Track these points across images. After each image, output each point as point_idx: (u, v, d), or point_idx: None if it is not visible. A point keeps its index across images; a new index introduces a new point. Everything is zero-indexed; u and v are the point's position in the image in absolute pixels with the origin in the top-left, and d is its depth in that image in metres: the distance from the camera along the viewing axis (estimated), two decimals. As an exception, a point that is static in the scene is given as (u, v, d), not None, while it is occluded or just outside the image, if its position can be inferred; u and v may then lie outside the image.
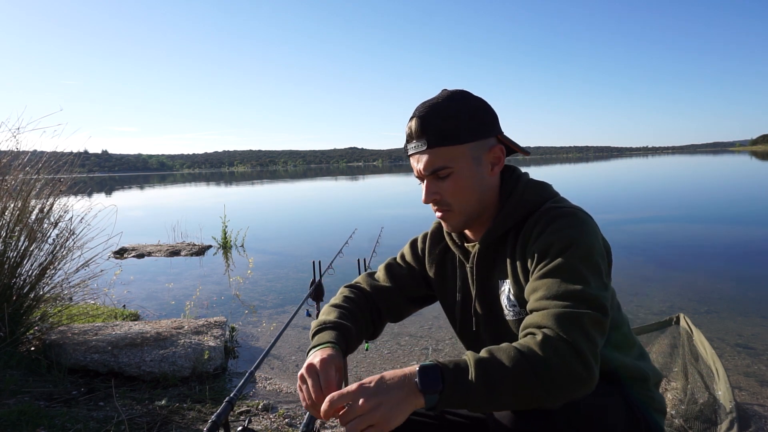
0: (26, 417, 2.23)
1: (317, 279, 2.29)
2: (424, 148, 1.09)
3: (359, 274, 2.46)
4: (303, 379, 1.00)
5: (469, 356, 0.88)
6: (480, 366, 0.86)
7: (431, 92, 1.14)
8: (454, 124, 1.08)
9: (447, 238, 1.26)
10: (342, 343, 1.12)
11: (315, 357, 1.03)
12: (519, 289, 1.09)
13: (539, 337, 0.89)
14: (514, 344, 0.89)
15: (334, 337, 1.12)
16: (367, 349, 3.33)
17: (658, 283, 4.96)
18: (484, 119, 1.12)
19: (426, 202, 1.14)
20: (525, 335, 0.92)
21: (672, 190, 17.05)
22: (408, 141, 1.14)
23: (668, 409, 2.21)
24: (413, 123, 1.11)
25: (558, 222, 1.03)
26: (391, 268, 1.35)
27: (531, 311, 0.97)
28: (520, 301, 1.09)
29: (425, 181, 1.13)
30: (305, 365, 1.01)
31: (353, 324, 1.20)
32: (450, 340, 3.61)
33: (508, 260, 1.11)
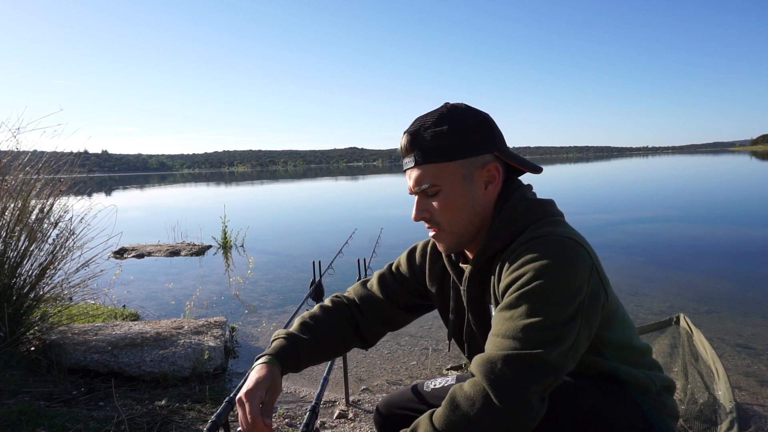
0: (26, 417, 2.23)
1: (317, 279, 2.30)
2: (412, 165, 1.08)
3: (359, 274, 2.47)
4: (238, 404, 1.05)
5: None
6: None
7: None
8: (443, 140, 1.05)
9: (444, 257, 1.22)
10: (290, 356, 1.15)
11: (249, 381, 1.08)
12: None
13: (459, 394, 0.90)
14: (437, 411, 0.91)
15: (278, 349, 1.15)
16: (367, 350, 3.33)
17: (658, 283, 4.96)
18: (478, 136, 1.07)
19: (415, 219, 1.11)
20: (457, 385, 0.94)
21: (672, 190, 17.05)
22: (402, 156, 1.12)
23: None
24: (404, 138, 1.09)
25: (534, 251, 0.96)
26: (383, 279, 1.32)
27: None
28: None
29: (416, 198, 1.11)
30: (241, 392, 1.05)
31: (315, 335, 1.21)
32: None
33: (492, 285, 1.07)
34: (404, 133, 1.10)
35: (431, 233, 1.13)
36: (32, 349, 3.10)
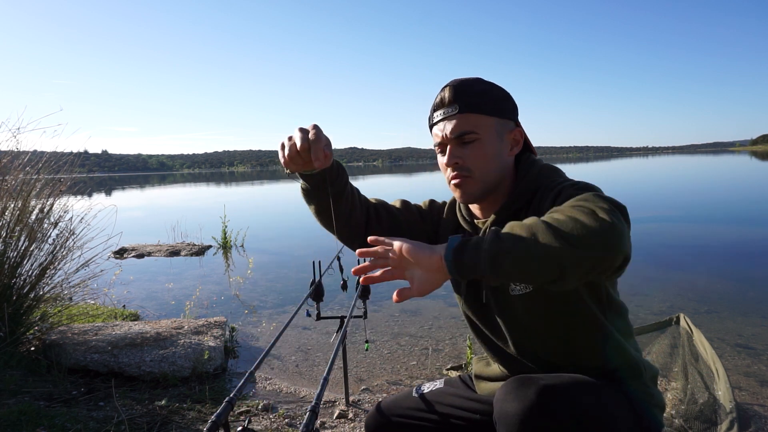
0: (26, 417, 2.23)
1: (317, 279, 2.29)
2: (455, 112, 1.15)
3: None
4: (293, 135, 1.05)
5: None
6: (495, 228, 0.89)
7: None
8: (486, 97, 1.17)
9: (458, 214, 1.30)
10: (335, 165, 1.19)
11: None
12: None
13: (561, 206, 0.93)
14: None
15: None
16: (367, 349, 3.33)
17: (658, 283, 4.96)
18: (509, 104, 1.21)
19: (448, 165, 1.18)
20: None
21: (672, 190, 17.05)
22: (436, 109, 1.20)
23: (668, 409, 2.22)
24: (446, 91, 1.17)
25: (574, 188, 1.06)
26: (406, 202, 1.40)
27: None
28: None
29: (449, 146, 1.18)
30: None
31: (347, 180, 1.25)
32: (450, 340, 3.61)
33: None
34: (446, 86, 1.18)
35: (456, 182, 1.19)
36: (32, 349, 3.10)
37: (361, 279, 0.98)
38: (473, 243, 0.86)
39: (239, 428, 1.04)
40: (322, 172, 1.16)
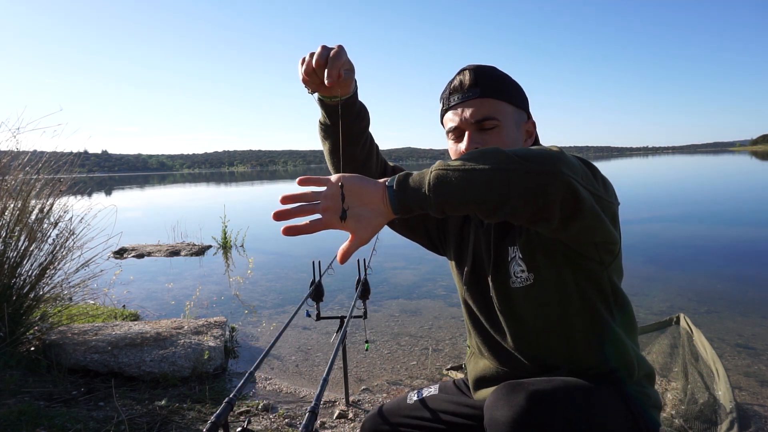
0: (26, 417, 2.23)
1: (317, 279, 2.29)
2: (476, 96, 1.13)
3: (359, 274, 2.47)
4: (322, 46, 0.97)
5: None
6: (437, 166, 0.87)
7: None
8: (506, 85, 1.16)
9: None
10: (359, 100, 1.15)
11: None
12: (529, 249, 1.09)
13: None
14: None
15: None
16: (367, 350, 3.33)
17: (658, 283, 4.95)
18: (523, 94, 1.20)
19: (467, 151, 1.15)
20: None
21: (672, 190, 17.05)
22: (453, 93, 1.16)
23: (668, 409, 2.22)
24: (466, 74, 1.14)
25: None
26: None
27: None
28: (528, 263, 1.10)
29: (468, 132, 1.14)
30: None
31: (367, 121, 1.21)
32: (450, 340, 3.61)
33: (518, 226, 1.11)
34: (464, 69, 1.16)
35: None
36: (32, 349, 3.10)
37: (282, 229, 0.89)
38: (419, 171, 0.87)
39: (239, 429, 1.03)
40: (342, 104, 1.09)
